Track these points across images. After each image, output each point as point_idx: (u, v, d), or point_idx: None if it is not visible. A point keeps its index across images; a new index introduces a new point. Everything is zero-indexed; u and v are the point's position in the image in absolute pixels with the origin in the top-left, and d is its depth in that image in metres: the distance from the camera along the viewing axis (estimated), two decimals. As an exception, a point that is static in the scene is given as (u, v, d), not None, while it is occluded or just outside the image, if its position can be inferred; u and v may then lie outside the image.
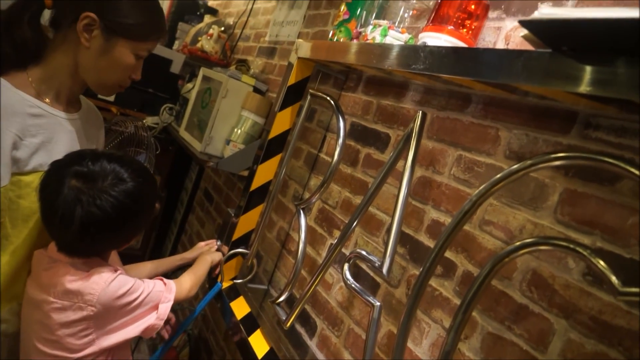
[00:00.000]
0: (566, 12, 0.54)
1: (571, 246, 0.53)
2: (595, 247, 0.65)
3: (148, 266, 1.22)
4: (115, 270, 0.90)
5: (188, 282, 1.09)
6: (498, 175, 0.65)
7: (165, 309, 0.95)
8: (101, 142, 1.13)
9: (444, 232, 0.74)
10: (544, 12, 0.55)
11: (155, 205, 0.97)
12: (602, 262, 0.51)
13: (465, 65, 0.74)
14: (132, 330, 0.91)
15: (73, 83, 0.94)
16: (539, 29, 0.57)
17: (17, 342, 0.93)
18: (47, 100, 0.90)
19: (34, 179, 0.87)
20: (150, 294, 0.93)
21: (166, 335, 1.14)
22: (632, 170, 0.51)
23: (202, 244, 1.39)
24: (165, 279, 1.02)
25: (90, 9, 0.86)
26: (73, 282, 0.85)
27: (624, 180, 0.65)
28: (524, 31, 0.65)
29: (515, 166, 0.64)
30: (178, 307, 1.18)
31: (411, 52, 0.88)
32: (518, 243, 0.62)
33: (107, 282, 0.86)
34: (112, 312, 0.87)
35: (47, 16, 0.90)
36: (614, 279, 0.49)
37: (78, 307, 0.84)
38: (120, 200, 0.83)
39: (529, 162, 0.63)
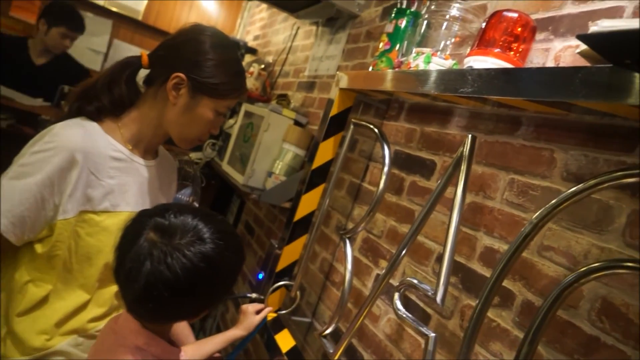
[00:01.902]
0: (629, 23, 0.52)
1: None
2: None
3: (207, 347, 1.04)
4: None
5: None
6: (562, 195, 0.62)
7: None
8: (173, 189, 1.17)
9: (502, 258, 0.70)
10: (604, 24, 0.54)
11: (236, 277, 0.83)
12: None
13: (517, 85, 0.72)
14: None
15: (155, 134, 1.00)
16: (599, 43, 0.55)
17: None
18: (130, 146, 0.97)
19: (104, 219, 0.90)
20: None
21: None
22: None
23: (250, 310, 1.15)
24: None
25: (180, 70, 0.93)
26: None
27: (701, 199, 0.61)
28: (581, 48, 0.64)
29: (581, 185, 0.61)
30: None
31: (458, 76, 0.87)
32: (586, 267, 0.58)
33: None
34: None
35: (142, 74, 0.98)
36: None
37: None
38: (194, 263, 0.72)
39: (592, 181, 0.60)
